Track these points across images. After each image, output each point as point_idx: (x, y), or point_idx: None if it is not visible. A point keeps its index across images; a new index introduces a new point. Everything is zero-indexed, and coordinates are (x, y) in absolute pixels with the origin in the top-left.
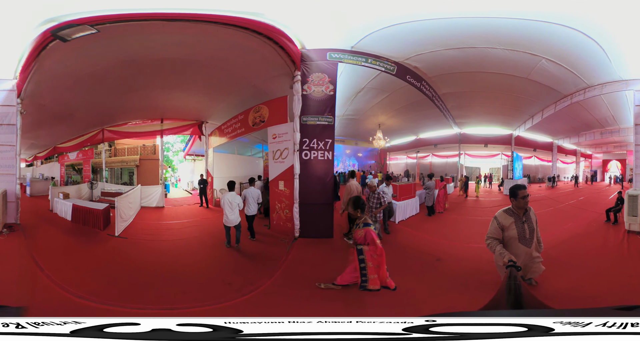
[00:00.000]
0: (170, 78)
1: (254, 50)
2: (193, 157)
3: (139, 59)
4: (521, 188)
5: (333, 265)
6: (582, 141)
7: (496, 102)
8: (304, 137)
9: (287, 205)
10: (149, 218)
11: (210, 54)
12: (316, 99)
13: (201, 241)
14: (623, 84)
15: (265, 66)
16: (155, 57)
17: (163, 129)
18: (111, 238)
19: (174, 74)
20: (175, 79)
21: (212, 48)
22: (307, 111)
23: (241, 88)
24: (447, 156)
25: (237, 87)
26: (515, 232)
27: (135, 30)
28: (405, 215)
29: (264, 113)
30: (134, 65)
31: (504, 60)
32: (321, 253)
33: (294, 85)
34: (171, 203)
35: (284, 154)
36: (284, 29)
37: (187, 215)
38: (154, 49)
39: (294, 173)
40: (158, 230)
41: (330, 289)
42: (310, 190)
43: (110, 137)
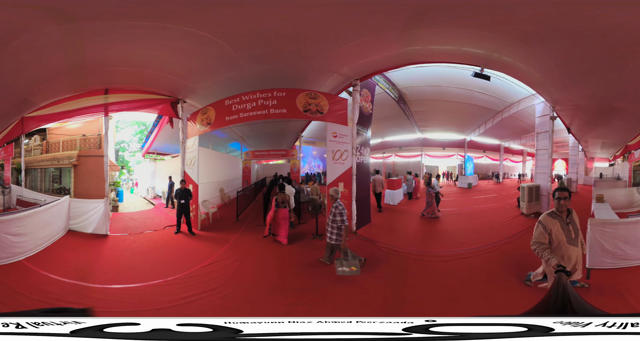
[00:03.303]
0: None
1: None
2: (154, 156)
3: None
4: (559, 189)
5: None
6: (524, 143)
7: (451, 117)
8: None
9: (346, 205)
10: (65, 266)
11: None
12: (363, 113)
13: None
14: (533, 98)
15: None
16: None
17: (108, 103)
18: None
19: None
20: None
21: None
22: (358, 121)
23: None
24: (409, 156)
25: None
26: (563, 235)
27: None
28: (395, 201)
29: (322, 104)
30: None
31: (454, 92)
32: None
33: (354, 94)
34: (123, 223)
35: (344, 156)
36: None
37: (158, 259)
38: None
39: (352, 174)
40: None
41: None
42: (359, 187)
43: (33, 126)
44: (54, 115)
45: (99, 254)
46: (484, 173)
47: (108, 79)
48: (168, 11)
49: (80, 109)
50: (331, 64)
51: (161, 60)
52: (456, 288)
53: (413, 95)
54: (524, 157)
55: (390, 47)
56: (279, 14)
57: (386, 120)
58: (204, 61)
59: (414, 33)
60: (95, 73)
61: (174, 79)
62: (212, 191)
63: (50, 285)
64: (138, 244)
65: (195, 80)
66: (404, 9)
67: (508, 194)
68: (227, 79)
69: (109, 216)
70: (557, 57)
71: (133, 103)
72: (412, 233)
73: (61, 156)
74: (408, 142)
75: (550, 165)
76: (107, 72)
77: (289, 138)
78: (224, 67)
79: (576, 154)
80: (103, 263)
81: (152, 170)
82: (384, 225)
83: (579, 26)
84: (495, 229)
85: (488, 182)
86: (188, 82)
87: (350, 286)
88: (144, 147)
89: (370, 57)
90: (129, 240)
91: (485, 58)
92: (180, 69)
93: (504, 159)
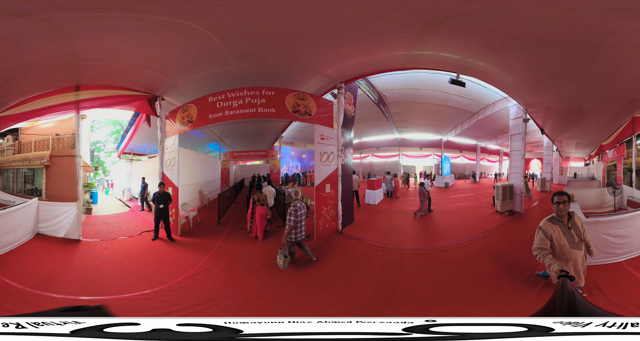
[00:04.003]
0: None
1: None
2: (130, 156)
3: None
4: (558, 194)
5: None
6: (500, 143)
7: (428, 118)
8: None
9: (333, 205)
10: (27, 272)
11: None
12: (346, 116)
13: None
14: (506, 101)
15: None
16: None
17: (79, 99)
18: None
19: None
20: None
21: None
22: (342, 123)
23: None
24: (386, 156)
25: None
26: (565, 240)
27: None
28: (376, 201)
29: (311, 106)
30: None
31: (432, 95)
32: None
33: (339, 96)
34: (97, 227)
35: (331, 158)
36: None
37: (134, 268)
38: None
39: (338, 175)
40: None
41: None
42: (343, 188)
43: (3, 126)
44: (24, 114)
45: (69, 261)
46: (461, 172)
47: (79, 74)
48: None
49: (50, 107)
50: (320, 66)
51: (138, 54)
52: (439, 277)
53: (392, 97)
54: (501, 157)
55: (380, 52)
56: (279, 7)
57: (365, 121)
58: (188, 55)
59: (407, 40)
60: (66, 68)
61: (151, 74)
62: (192, 193)
63: (4, 292)
64: (110, 252)
65: (175, 75)
66: (406, 18)
67: (484, 193)
68: (211, 76)
69: (81, 220)
70: (524, 63)
71: (106, 100)
72: (394, 231)
73: (33, 156)
74: (385, 142)
75: (523, 166)
76: (78, 67)
77: (269, 138)
78: (210, 62)
79: (550, 154)
80: (72, 271)
81: (128, 170)
82: (367, 224)
83: (537, 34)
84: (471, 226)
85: (465, 182)
86: (167, 77)
87: (348, 285)
88: (119, 147)
89: (359, 61)
90: (101, 246)
91: (461, 64)
92: (159, 63)
93: (480, 159)
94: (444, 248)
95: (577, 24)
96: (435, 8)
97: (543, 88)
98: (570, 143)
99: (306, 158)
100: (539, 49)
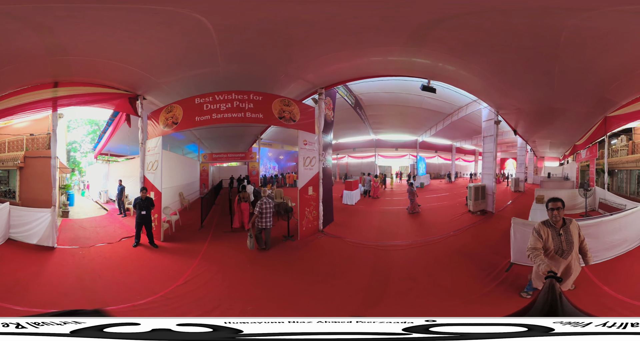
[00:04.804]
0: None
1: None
2: (107, 157)
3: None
4: (552, 200)
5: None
6: (476, 143)
7: (404, 120)
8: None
9: (314, 206)
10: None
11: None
12: (326, 121)
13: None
14: (478, 103)
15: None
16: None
17: (57, 97)
18: None
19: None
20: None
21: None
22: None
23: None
24: (363, 157)
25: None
26: (552, 245)
27: None
28: (353, 201)
29: (295, 112)
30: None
31: (406, 98)
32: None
33: (319, 102)
34: (73, 233)
35: (313, 162)
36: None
37: (116, 278)
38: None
39: (319, 178)
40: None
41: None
42: (323, 190)
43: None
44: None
45: (41, 269)
46: (436, 172)
47: (58, 70)
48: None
49: (25, 105)
50: (304, 72)
51: (122, 48)
52: (412, 270)
53: (368, 100)
54: (476, 157)
55: (358, 58)
56: (283, 13)
57: (342, 123)
58: (177, 52)
59: (384, 49)
60: (43, 63)
61: (134, 71)
62: (172, 196)
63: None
64: (88, 260)
65: (160, 74)
66: (384, 27)
67: (459, 193)
68: (198, 76)
69: (56, 227)
70: (488, 67)
71: (85, 98)
72: (371, 229)
73: (6, 157)
74: (362, 144)
75: (494, 167)
76: (57, 61)
77: (247, 140)
78: (200, 62)
79: (524, 154)
80: (44, 281)
81: (104, 172)
82: (346, 223)
83: (492, 41)
84: (444, 224)
85: (440, 182)
86: (151, 75)
87: (336, 280)
88: (96, 147)
89: (339, 68)
90: (79, 254)
91: (431, 70)
92: (144, 59)
93: (456, 159)
94: (418, 244)
95: (526, 27)
96: (412, 17)
97: (511, 90)
98: (544, 143)
99: (283, 159)
100: (499, 54)
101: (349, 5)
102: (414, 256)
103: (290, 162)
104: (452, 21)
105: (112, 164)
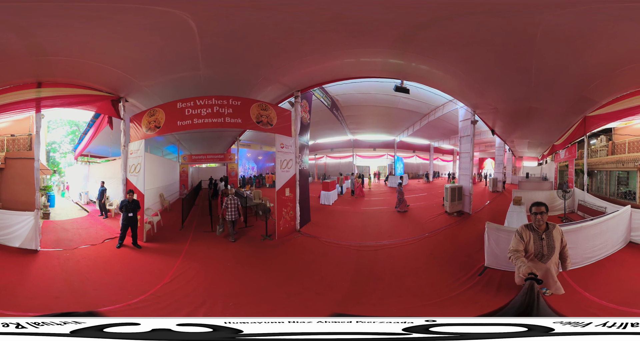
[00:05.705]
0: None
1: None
2: (87, 158)
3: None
4: (535, 204)
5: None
6: (454, 142)
7: (381, 120)
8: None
9: (291, 207)
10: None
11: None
12: (302, 123)
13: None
14: (453, 103)
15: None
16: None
17: (41, 97)
18: None
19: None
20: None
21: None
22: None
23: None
24: (341, 157)
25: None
26: (533, 249)
27: None
28: (330, 201)
29: (272, 116)
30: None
31: (382, 99)
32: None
33: (295, 105)
34: (56, 235)
35: (290, 164)
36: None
37: (104, 279)
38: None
39: (296, 180)
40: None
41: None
42: (300, 191)
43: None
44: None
45: (25, 274)
46: (415, 172)
47: (41, 69)
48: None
49: (7, 105)
50: (281, 75)
51: (107, 50)
52: (379, 270)
53: (345, 101)
54: (454, 157)
55: (333, 61)
56: (269, 19)
57: (319, 124)
58: (161, 55)
59: (356, 51)
60: (27, 63)
61: (118, 74)
62: (153, 197)
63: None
64: (74, 262)
65: (143, 76)
66: (356, 30)
67: (436, 193)
68: (178, 80)
69: (39, 230)
70: (461, 66)
71: (68, 99)
72: (347, 229)
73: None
74: (339, 144)
75: (471, 168)
76: (41, 61)
77: (226, 141)
78: (181, 65)
79: (502, 154)
80: (29, 286)
81: (85, 173)
82: (322, 223)
83: (466, 37)
84: (420, 225)
85: (418, 182)
86: (134, 77)
87: (307, 277)
88: (76, 148)
89: (315, 70)
90: (63, 256)
91: (404, 70)
92: (128, 61)
93: (434, 158)
94: (391, 245)
95: (500, 23)
96: (384, 20)
97: (486, 89)
98: (522, 143)
99: (262, 159)
100: (472, 52)
101: (321, 13)
102: (385, 257)
103: (269, 163)
104: (423, 21)
105: (93, 165)
